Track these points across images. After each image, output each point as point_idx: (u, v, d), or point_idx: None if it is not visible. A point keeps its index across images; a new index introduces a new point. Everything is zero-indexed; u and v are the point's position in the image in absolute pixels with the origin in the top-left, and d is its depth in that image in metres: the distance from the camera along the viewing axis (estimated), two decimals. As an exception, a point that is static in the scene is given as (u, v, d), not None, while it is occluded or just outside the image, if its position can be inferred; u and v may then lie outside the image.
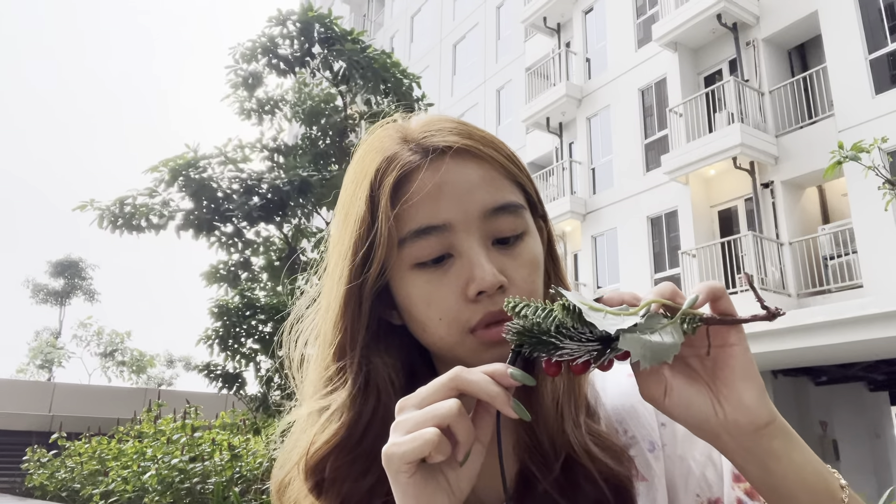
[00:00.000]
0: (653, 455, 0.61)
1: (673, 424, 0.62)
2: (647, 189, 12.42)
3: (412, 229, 0.56)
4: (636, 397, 0.63)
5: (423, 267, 0.57)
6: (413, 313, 0.58)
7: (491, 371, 0.48)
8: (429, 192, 0.56)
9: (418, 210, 0.56)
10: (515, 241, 0.58)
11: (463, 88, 19.68)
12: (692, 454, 0.61)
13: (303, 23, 7.23)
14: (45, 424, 17.43)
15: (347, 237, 0.59)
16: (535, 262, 0.59)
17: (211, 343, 6.77)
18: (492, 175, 0.59)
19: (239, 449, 6.97)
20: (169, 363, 34.94)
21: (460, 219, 0.56)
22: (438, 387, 0.48)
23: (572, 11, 15.35)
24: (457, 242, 0.56)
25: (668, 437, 0.62)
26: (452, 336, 0.57)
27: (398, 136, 0.61)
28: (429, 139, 0.59)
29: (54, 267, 33.26)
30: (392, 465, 0.46)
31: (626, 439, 0.62)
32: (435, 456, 0.45)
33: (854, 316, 7.38)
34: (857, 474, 10.84)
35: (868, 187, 7.92)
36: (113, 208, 6.55)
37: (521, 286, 0.57)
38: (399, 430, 0.47)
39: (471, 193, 0.57)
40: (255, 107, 7.72)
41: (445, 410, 0.46)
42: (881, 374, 10.93)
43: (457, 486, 0.49)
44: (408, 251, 0.56)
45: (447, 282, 0.56)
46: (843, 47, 9.79)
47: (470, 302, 0.55)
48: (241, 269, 7.20)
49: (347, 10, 27.77)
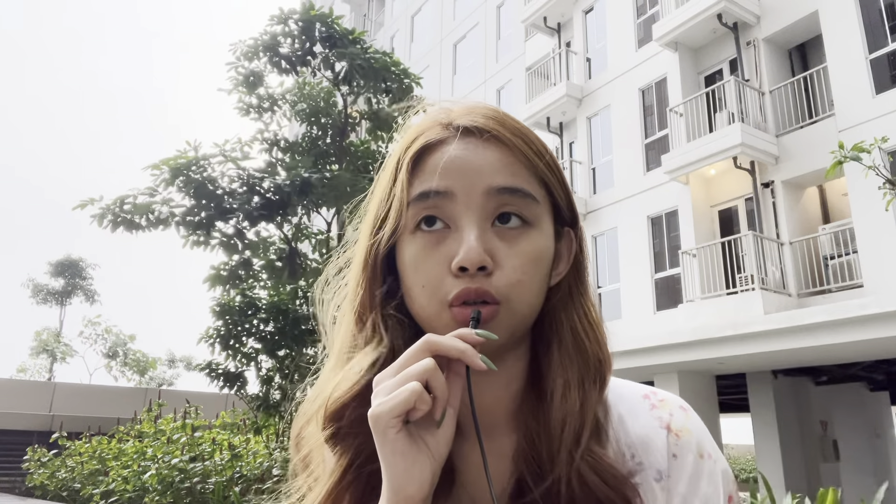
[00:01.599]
0: (659, 485, 0.59)
1: (685, 459, 0.60)
2: (648, 189, 12.42)
3: (419, 191, 0.58)
4: (650, 424, 0.62)
5: (422, 233, 0.59)
6: (404, 278, 0.60)
7: (458, 333, 0.53)
8: (445, 163, 0.58)
9: (429, 177, 0.58)
10: (517, 228, 0.58)
11: (463, 88, 19.68)
12: (693, 500, 0.59)
13: (304, 22, 7.23)
14: (45, 424, 17.44)
15: (375, 201, 0.63)
16: (532, 255, 0.58)
17: (212, 342, 6.78)
18: (511, 161, 0.59)
19: (239, 449, 6.97)
20: (170, 363, 34.99)
21: (463, 191, 0.58)
22: (412, 352, 0.52)
23: (572, 11, 15.35)
24: (455, 214, 0.58)
25: (676, 471, 0.60)
26: (432, 306, 0.58)
27: (438, 116, 0.63)
28: (461, 118, 0.61)
29: (55, 267, 33.27)
30: (380, 424, 0.50)
31: (633, 465, 0.60)
32: (419, 407, 0.49)
33: (854, 316, 7.37)
34: (857, 474, 10.85)
35: (868, 187, 7.92)
36: (113, 207, 6.55)
37: (508, 274, 0.56)
38: (381, 394, 0.51)
39: (481, 170, 0.58)
40: (256, 103, 7.72)
41: (422, 367, 0.50)
42: (881, 374, 10.93)
43: (436, 450, 0.52)
44: (410, 213, 0.59)
45: (437, 252, 0.58)
46: (844, 47, 9.79)
47: (452, 276, 0.56)
48: (241, 269, 7.19)
49: (348, 9, 27.76)
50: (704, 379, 10.28)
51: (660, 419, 0.62)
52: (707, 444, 0.62)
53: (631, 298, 12.35)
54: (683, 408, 0.64)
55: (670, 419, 0.62)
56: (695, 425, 0.63)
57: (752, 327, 8.39)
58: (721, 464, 0.62)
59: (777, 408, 10.28)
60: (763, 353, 8.48)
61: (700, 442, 0.62)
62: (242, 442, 7.39)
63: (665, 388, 9.63)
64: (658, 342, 9.49)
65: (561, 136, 15.19)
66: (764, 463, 10.16)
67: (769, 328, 8.19)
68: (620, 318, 12.38)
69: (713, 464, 0.61)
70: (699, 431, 0.62)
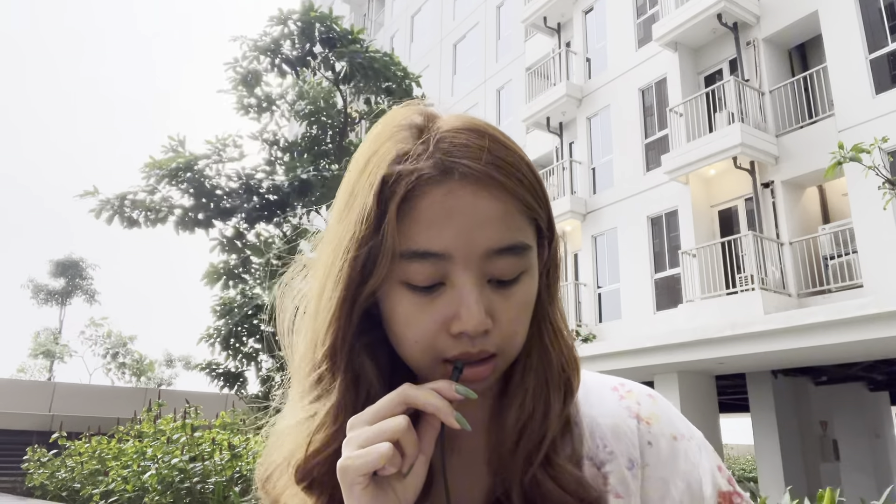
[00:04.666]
0: (631, 473, 0.60)
1: (658, 445, 0.62)
2: (648, 189, 12.42)
3: (411, 249, 0.53)
4: (619, 414, 0.63)
5: (412, 288, 0.54)
6: (392, 326, 0.57)
7: (437, 387, 0.52)
8: (438, 215, 0.53)
9: (422, 231, 0.53)
10: (512, 281, 0.56)
11: (463, 88, 19.68)
12: (674, 480, 0.61)
13: (304, 22, 7.24)
14: (45, 424, 17.43)
15: (348, 230, 0.56)
16: (526, 302, 0.57)
17: (212, 342, 6.78)
18: (508, 210, 0.55)
19: (239, 449, 6.97)
20: (168, 363, 34.99)
21: (462, 252, 0.53)
22: (387, 403, 0.52)
23: (572, 11, 15.35)
24: (452, 273, 0.54)
25: (652, 458, 0.61)
26: (425, 361, 0.56)
27: (419, 129, 0.57)
28: (453, 156, 0.54)
29: (55, 266, 33.28)
30: (347, 478, 0.50)
31: (604, 454, 0.61)
32: (388, 468, 0.49)
33: (854, 316, 7.36)
34: (857, 474, 10.84)
35: (868, 187, 7.92)
36: (114, 202, 6.56)
37: (504, 328, 0.55)
38: (352, 444, 0.51)
39: (481, 228, 0.53)
40: (255, 103, 7.73)
41: (395, 426, 0.50)
42: (881, 374, 10.93)
43: (403, 497, 0.52)
44: (401, 267, 0.54)
45: (432, 309, 0.54)
46: (844, 47, 9.79)
47: (449, 335, 0.54)
48: (240, 267, 7.20)
49: (347, 9, 27.77)
50: (704, 379, 10.28)
51: (628, 409, 0.64)
52: (679, 425, 0.64)
53: (631, 298, 12.35)
54: (651, 395, 0.66)
55: (639, 408, 0.64)
56: (663, 410, 0.65)
57: (752, 327, 8.39)
58: (696, 440, 0.64)
59: (777, 408, 10.27)
60: (763, 353, 8.48)
61: (671, 424, 0.64)
62: (242, 442, 7.38)
63: (665, 388, 9.63)
64: (658, 342, 9.48)
65: (561, 136, 15.19)
66: (764, 463, 10.16)
67: (769, 328, 8.18)
68: (620, 319, 12.38)
69: (687, 442, 0.63)
70: (669, 415, 0.64)
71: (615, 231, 13.02)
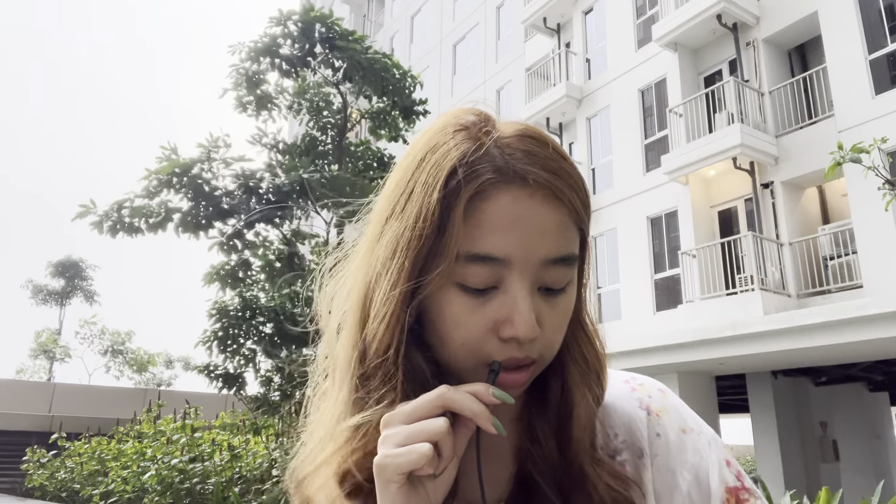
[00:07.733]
0: (641, 461, 0.62)
1: (667, 436, 0.63)
2: (647, 189, 12.42)
3: (473, 252, 0.53)
4: (631, 406, 0.65)
5: (465, 289, 0.55)
6: (438, 327, 0.57)
7: (474, 390, 0.52)
8: (503, 220, 0.54)
9: (486, 234, 0.54)
10: (560, 290, 0.57)
11: (463, 88, 19.68)
12: (682, 471, 0.62)
13: (304, 23, 7.23)
14: (45, 424, 17.44)
15: (407, 227, 0.56)
16: (568, 312, 0.59)
17: (210, 345, 6.77)
18: (565, 222, 0.56)
19: (239, 449, 6.97)
20: (168, 363, 34.97)
21: (521, 259, 0.54)
22: (425, 403, 0.52)
23: (572, 12, 15.36)
24: (508, 279, 0.54)
25: (661, 448, 0.63)
26: (468, 363, 0.56)
27: (479, 131, 0.57)
28: (519, 163, 0.55)
29: (55, 267, 33.29)
30: (384, 475, 0.50)
31: (617, 444, 0.63)
32: (426, 469, 0.49)
33: (854, 316, 7.37)
34: (857, 474, 10.85)
35: (868, 187, 7.93)
36: (111, 213, 6.56)
37: (548, 336, 0.57)
38: (389, 442, 0.51)
39: (541, 237, 0.54)
40: (254, 101, 7.73)
41: (437, 427, 0.50)
42: (881, 375, 10.93)
43: (434, 497, 0.52)
44: (459, 268, 0.54)
45: (483, 312, 0.55)
46: (843, 47, 9.79)
47: (497, 339, 0.55)
48: (240, 270, 7.19)
49: (347, 10, 27.77)
50: (704, 379, 10.28)
51: (640, 401, 0.66)
52: (689, 420, 0.66)
53: (631, 299, 12.35)
54: (662, 390, 0.68)
55: (650, 401, 0.66)
56: (673, 405, 0.66)
57: (752, 328, 8.39)
58: (706, 435, 0.65)
59: (777, 408, 10.28)
60: (763, 353, 8.49)
61: (681, 418, 0.65)
62: (242, 442, 7.38)
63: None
64: (658, 343, 9.49)
65: (561, 136, 15.19)
66: (763, 463, 10.16)
67: (769, 329, 8.19)
68: (620, 319, 12.38)
69: (696, 436, 0.64)
70: (679, 409, 0.66)
71: (615, 231, 13.02)
